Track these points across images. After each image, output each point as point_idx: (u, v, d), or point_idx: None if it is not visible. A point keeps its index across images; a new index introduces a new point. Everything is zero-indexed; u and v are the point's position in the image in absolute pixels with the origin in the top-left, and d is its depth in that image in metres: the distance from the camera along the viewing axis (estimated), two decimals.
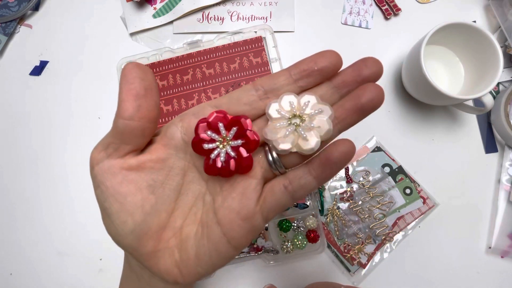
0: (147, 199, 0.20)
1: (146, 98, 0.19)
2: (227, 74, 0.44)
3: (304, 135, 0.19)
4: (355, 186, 0.42)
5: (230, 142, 0.20)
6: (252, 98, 0.21)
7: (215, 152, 0.20)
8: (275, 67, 0.44)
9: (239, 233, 0.20)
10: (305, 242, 0.39)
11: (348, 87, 0.20)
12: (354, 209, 0.41)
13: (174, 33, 0.47)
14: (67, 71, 0.46)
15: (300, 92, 0.20)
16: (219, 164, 0.20)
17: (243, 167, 0.20)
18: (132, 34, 0.47)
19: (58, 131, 0.45)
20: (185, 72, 0.44)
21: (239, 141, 0.20)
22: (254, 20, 0.46)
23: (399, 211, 0.41)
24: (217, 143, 0.20)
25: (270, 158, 0.21)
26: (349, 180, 0.42)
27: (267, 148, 0.21)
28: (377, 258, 0.41)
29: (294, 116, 0.19)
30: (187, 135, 0.21)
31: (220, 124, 0.20)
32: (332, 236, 0.41)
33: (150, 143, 0.22)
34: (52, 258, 0.42)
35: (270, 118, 0.20)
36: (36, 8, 0.48)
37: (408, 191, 0.41)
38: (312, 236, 0.39)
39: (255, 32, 0.45)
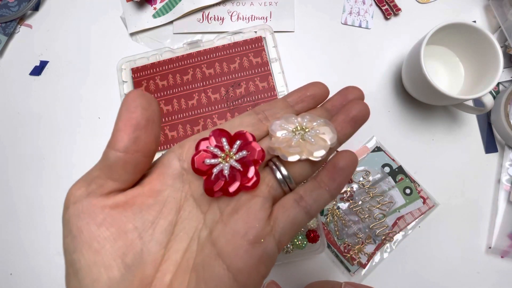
0: (130, 246, 0.17)
1: (146, 129, 0.17)
2: (227, 74, 0.44)
3: (313, 140, 0.19)
4: (355, 186, 0.42)
5: (234, 156, 0.18)
6: (254, 120, 0.21)
7: (218, 167, 0.18)
8: (275, 67, 0.44)
9: (247, 263, 0.17)
10: (305, 242, 0.39)
11: (338, 110, 0.22)
12: (354, 209, 0.41)
13: (174, 33, 0.47)
14: (67, 71, 0.46)
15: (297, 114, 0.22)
16: (222, 180, 0.18)
17: (250, 180, 0.18)
18: (132, 34, 0.47)
19: (58, 131, 0.45)
20: (185, 72, 0.44)
21: (244, 152, 0.18)
22: (254, 20, 0.46)
23: (399, 211, 0.41)
24: (220, 159, 0.18)
25: (279, 174, 0.19)
26: (349, 180, 0.42)
27: (273, 166, 0.20)
28: (377, 258, 0.41)
29: (297, 129, 0.20)
30: (187, 162, 0.19)
31: (223, 139, 0.19)
32: (332, 236, 0.41)
33: (143, 175, 0.19)
34: (52, 258, 0.42)
35: (273, 134, 0.20)
36: (36, 8, 0.48)
37: (408, 191, 0.41)
38: (312, 236, 0.39)
39: (255, 32, 0.45)
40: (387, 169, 0.42)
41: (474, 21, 0.46)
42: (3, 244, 0.43)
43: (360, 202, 0.41)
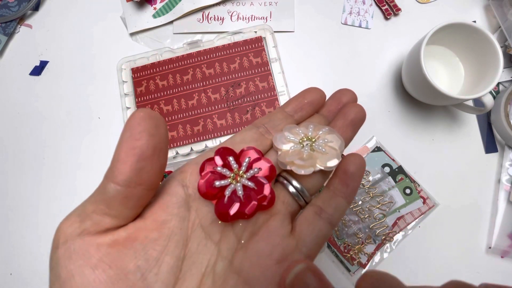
0: None
1: (152, 160, 0.15)
2: (227, 74, 0.44)
3: (324, 150, 0.19)
4: None
5: (244, 175, 0.17)
6: (256, 135, 0.20)
7: (230, 188, 0.17)
8: (275, 67, 0.44)
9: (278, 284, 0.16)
10: None
11: (334, 115, 0.22)
12: (354, 209, 0.41)
13: (174, 33, 0.47)
14: (67, 71, 0.46)
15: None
16: (237, 202, 0.16)
17: (266, 199, 0.17)
18: (132, 34, 0.47)
19: (58, 131, 0.45)
20: (185, 72, 0.44)
21: (256, 169, 0.17)
22: (254, 20, 0.46)
23: (399, 211, 0.41)
24: (229, 180, 0.17)
25: (292, 188, 0.19)
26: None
27: (284, 181, 0.19)
28: (377, 258, 0.41)
29: (303, 139, 0.19)
30: (191, 187, 0.17)
31: (230, 158, 0.17)
32: (332, 236, 0.41)
33: (145, 206, 0.17)
34: None
35: (279, 147, 0.19)
36: (36, 8, 0.48)
37: (408, 191, 0.41)
38: None
39: (255, 32, 0.45)
40: (387, 169, 0.42)
41: (474, 21, 0.46)
42: (3, 244, 0.43)
43: (360, 202, 0.41)
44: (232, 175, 0.17)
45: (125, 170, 0.15)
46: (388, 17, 0.46)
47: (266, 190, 0.17)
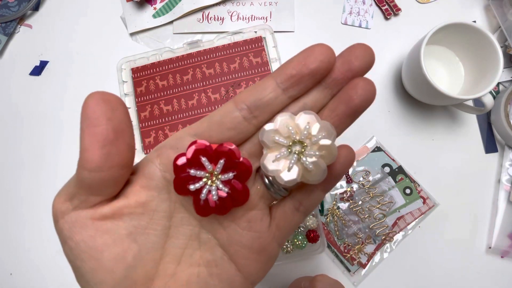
0: (128, 250, 0.17)
1: (116, 142, 0.16)
2: (227, 74, 0.44)
3: (310, 167, 0.17)
4: (355, 186, 0.42)
5: (219, 177, 0.17)
6: (237, 120, 0.17)
7: (204, 191, 0.17)
8: (275, 67, 0.44)
9: (256, 268, 0.19)
10: (305, 242, 0.39)
11: (340, 86, 0.17)
12: (354, 209, 0.41)
13: (174, 33, 0.47)
14: (67, 71, 0.46)
15: (290, 102, 0.18)
16: (212, 204, 0.17)
17: (239, 200, 0.18)
18: (132, 34, 0.47)
19: (58, 131, 0.45)
20: (185, 72, 0.44)
21: (231, 174, 0.17)
22: (254, 20, 0.46)
23: (399, 211, 0.41)
24: (204, 180, 0.17)
25: (271, 188, 0.19)
26: (349, 180, 0.42)
27: (265, 179, 0.19)
28: (377, 258, 0.41)
29: (294, 142, 0.17)
30: (168, 172, 0.18)
31: (203, 159, 0.17)
32: (332, 236, 0.41)
33: (126, 183, 0.18)
34: (52, 258, 0.42)
35: (265, 146, 0.17)
36: (36, 8, 0.48)
37: (408, 191, 0.41)
38: (312, 236, 0.39)
39: (255, 32, 0.45)
40: (387, 169, 0.42)
41: (474, 21, 0.46)
42: (3, 244, 0.43)
43: (360, 202, 0.41)
44: (206, 175, 0.17)
45: (93, 157, 0.15)
46: (388, 17, 0.46)
47: (241, 194, 0.17)
